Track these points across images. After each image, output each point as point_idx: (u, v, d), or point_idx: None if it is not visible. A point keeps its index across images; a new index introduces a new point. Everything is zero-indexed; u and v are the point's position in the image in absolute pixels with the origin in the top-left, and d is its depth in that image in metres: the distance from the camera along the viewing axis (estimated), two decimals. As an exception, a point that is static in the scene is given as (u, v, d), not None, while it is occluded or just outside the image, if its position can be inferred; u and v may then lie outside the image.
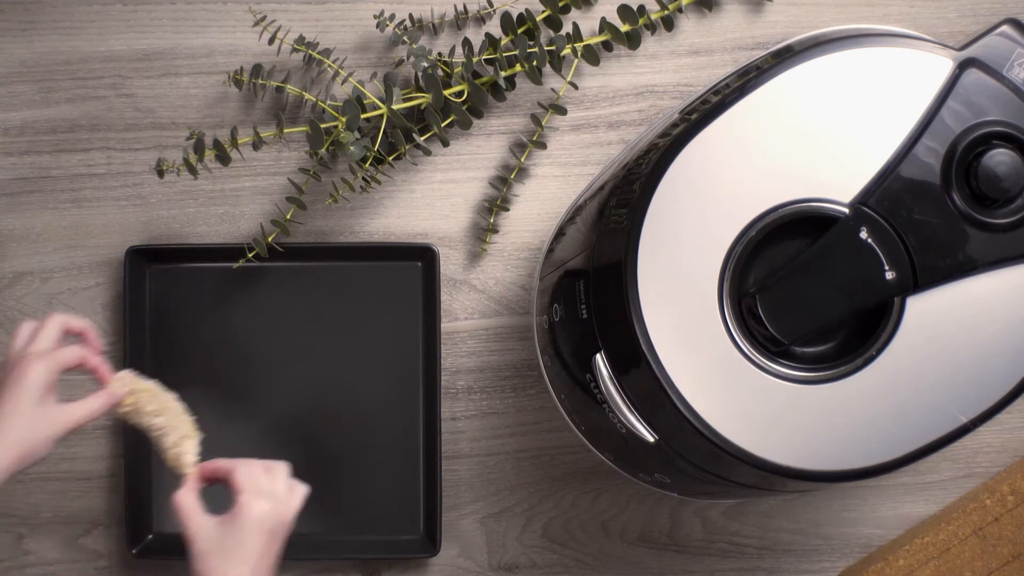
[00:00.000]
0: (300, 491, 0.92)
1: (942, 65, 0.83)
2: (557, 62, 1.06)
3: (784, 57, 0.85)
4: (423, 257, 1.09)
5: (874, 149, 0.83)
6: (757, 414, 0.83)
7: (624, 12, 1.07)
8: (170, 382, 1.08)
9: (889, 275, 0.82)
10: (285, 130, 1.02)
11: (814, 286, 0.83)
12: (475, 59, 1.05)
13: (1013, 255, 0.83)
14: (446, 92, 1.03)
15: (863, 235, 0.82)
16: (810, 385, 0.84)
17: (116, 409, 0.94)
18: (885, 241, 0.82)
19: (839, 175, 0.83)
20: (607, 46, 1.08)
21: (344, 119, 1.00)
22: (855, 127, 0.83)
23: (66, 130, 1.09)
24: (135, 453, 1.08)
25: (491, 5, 1.08)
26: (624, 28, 1.07)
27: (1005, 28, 0.84)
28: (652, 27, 1.08)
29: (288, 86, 1.06)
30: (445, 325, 1.09)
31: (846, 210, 0.82)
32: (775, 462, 0.84)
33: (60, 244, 1.09)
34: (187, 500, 0.90)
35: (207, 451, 0.94)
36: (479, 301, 1.10)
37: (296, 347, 1.09)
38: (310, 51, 1.04)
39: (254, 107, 1.09)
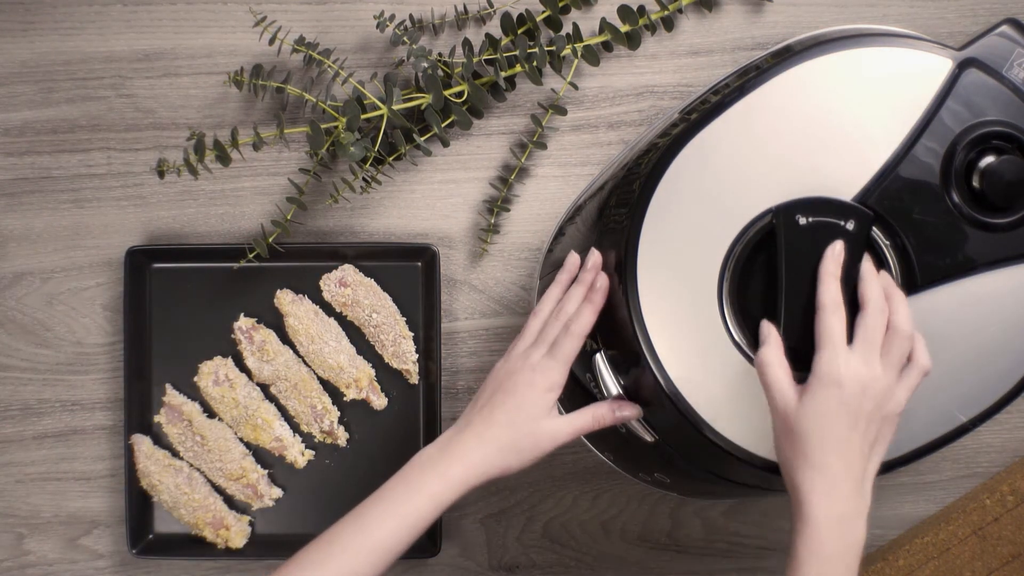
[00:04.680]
0: (914, 369, 0.79)
1: (942, 65, 0.84)
2: (557, 62, 1.06)
3: (784, 57, 0.85)
4: (423, 257, 1.09)
5: (874, 149, 0.83)
6: (757, 414, 0.83)
7: (624, 12, 1.07)
8: (170, 382, 1.09)
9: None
10: (285, 130, 1.02)
11: None
12: (475, 59, 1.05)
13: (1013, 255, 0.83)
14: (446, 92, 1.03)
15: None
16: (810, 385, 0.84)
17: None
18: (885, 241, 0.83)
19: (839, 175, 0.83)
20: (607, 46, 1.08)
21: (344, 119, 1.00)
22: (854, 127, 0.83)
23: (66, 130, 1.09)
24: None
25: (491, 5, 1.08)
26: (624, 28, 1.07)
27: (1005, 28, 0.85)
28: (652, 27, 1.08)
29: (288, 86, 1.06)
30: (445, 325, 1.09)
31: (846, 210, 0.83)
32: (775, 462, 0.84)
33: (60, 244, 1.09)
34: None
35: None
36: (479, 301, 1.10)
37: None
38: (310, 51, 1.04)
39: (254, 107, 1.09)
